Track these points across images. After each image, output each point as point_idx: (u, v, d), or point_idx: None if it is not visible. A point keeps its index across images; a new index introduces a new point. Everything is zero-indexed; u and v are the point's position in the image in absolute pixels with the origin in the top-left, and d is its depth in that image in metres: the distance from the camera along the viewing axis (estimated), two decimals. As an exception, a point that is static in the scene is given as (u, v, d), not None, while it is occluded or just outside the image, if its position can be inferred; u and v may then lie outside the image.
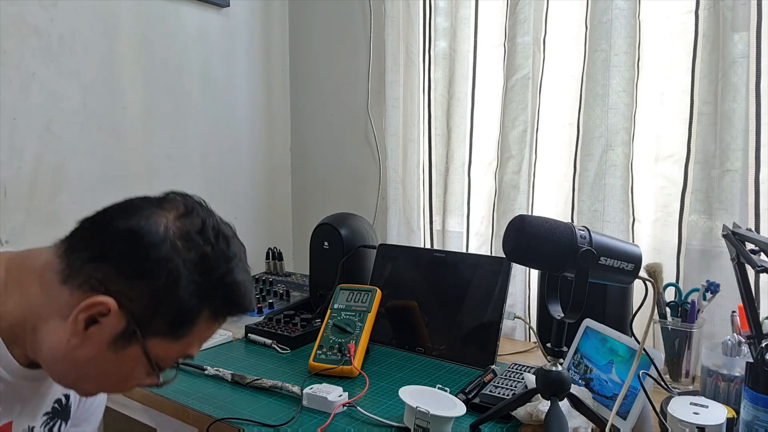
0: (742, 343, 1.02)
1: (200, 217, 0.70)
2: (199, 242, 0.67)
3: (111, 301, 0.64)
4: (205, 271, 0.66)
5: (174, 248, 0.65)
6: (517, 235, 0.83)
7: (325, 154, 1.96)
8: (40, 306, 0.67)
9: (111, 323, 0.65)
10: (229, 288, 0.69)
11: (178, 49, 1.69)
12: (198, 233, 0.68)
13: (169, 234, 0.65)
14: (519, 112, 1.43)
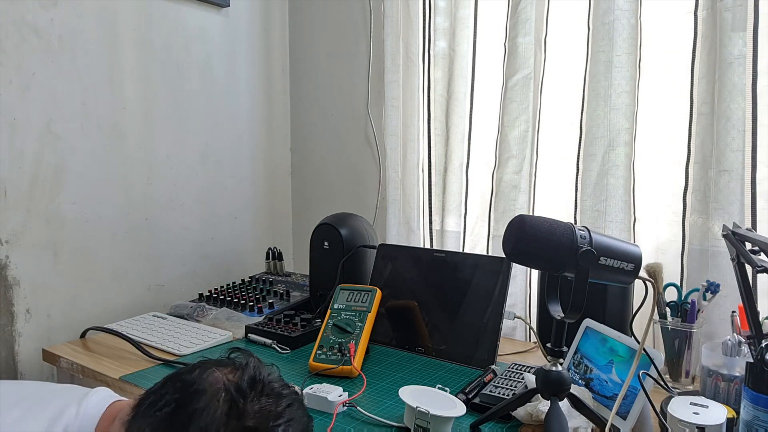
0: (742, 343, 1.03)
1: (248, 373, 0.67)
2: (240, 395, 0.65)
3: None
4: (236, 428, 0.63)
5: (212, 399, 0.64)
6: (517, 235, 0.83)
7: (325, 154, 1.96)
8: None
9: None
10: None
11: (178, 49, 1.69)
12: (243, 389, 0.65)
13: (214, 384, 0.65)
14: (520, 112, 1.43)
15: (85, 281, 1.51)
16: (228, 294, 1.63)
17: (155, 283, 1.68)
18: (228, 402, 0.64)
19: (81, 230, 1.49)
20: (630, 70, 1.28)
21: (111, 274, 1.57)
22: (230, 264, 1.88)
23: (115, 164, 1.56)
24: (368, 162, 1.83)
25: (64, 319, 1.46)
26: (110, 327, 1.42)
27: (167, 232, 1.70)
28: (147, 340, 1.33)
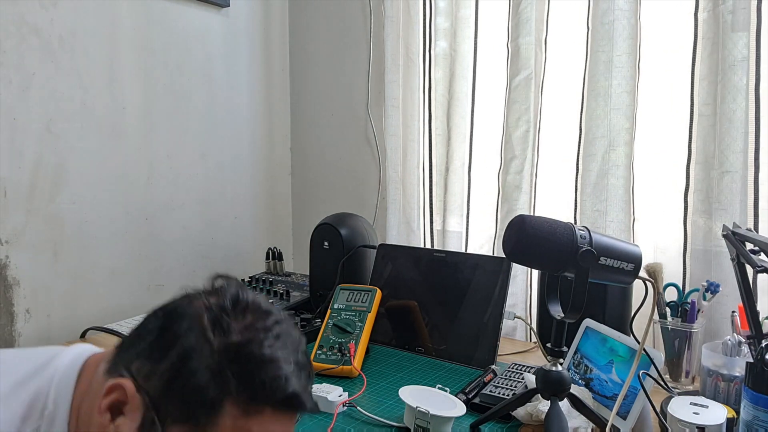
0: (742, 343, 1.03)
1: (230, 292, 0.64)
2: (223, 313, 0.61)
3: (128, 384, 0.59)
4: (221, 344, 0.60)
5: (194, 320, 0.61)
6: (517, 235, 0.83)
7: (325, 154, 1.96)
8: (89, 399, 0.64)
9: (131, 412, 0.59)
10: (246, 362, 0.59)
11: (178, 49, 1.69)
12: (224, 306, 0.62)
13: (195, 307, 0.62)
14: (522, 113, 1.43)
15: (85, 281, 1.51)
16: (228, 294, 1.62)
17: (155, 283, 1.68)
18: (212, 321, 0.61)
19: (81, 230, 1.49)
20: (630, 70, 1.28)
21: (111, 274, 1.57)
22: (230, 264, 1.88)
23: (115, 164, 1.56)
24: (368, 162, 1.83)
25: (64, 319, 1.46)
26: (110, 327, 1.42)
27: (167, 232, 1.70)
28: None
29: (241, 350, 0.60)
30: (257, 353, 0.60)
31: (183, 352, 0.59)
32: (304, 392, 0.64)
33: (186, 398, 0.59)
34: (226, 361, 0.59)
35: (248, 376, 0.59)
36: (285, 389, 0.61)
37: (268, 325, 0.63)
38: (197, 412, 0.59)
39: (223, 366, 0.59)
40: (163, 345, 0.60)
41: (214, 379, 0.58)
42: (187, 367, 0.59)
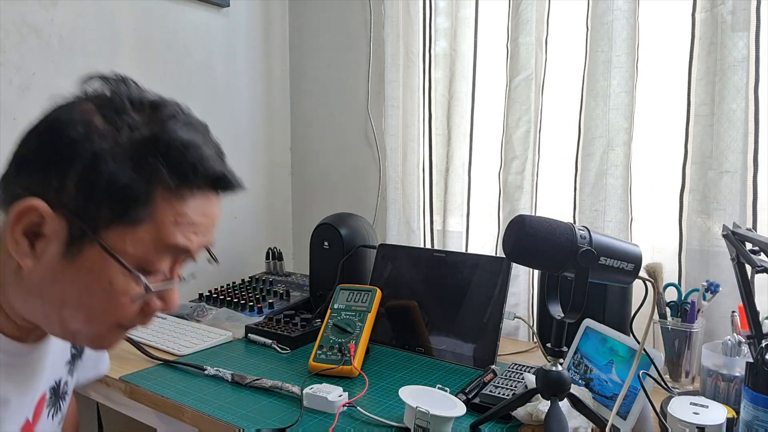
0: (742, 343, 1.03)
1: (119, 89, 0.63)
2: (119, 111, 0.59)
3: (38, 202, 0.56)
4: (133, 138, 0.58)
5: (88, 123, 0.58)
6: (517, 234, 0.83)
7: (325, 154, 1.96)
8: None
9: (53, 229, 0.57)
10: (168, 147, 0.59)
11: (178, 49, 1.69)
12: (118, 104, 0.60)
13: (83, 112, 0.59)
14: (522, 113, 1.43)
15: (85, 281, 1.51)
16: (228, 294, 1.63)
17: (155, 283, 1.68)
18: (111, 121, 0.58)
19: (81, 230, 1.49)
20: (629, 70, 1.28)
21: (111, 274, 1.57)
22: (230, 264, 1.88)
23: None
24: (368, 162, 1.83)
25: (64, 319, 1.46)
26: (110, 327, 1.42)
27: (167, 232, 1.70)
28: (147, 340, 1.33)
29: (159, 140, 0.59)
30: (177, 139, 0.59)
31: (92, 156, 0.56)
32: (228, 173, 0.68)
33: (114, 199, 0.57)
34: (146, 153, 0.58)
35: (175, 162, 0.59)
36: (214, 169, 0.64)
37: (172, 113, 0.63)
38: (130, 209, 0.58)
39: (145, 158, 0.58)
40: (62, 156, 0.57)
41: (138, 173, 0.57)
42: (102, 170, 0.56)
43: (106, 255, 0.58)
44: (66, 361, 0.77)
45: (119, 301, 0.61)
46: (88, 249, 0.58)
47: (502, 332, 1.25)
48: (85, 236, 0.58)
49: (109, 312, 0.61)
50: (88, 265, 0.58)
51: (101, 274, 0.59)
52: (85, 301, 0.60)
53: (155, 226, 0.59)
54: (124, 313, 0.62)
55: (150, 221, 0.59)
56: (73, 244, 0.58)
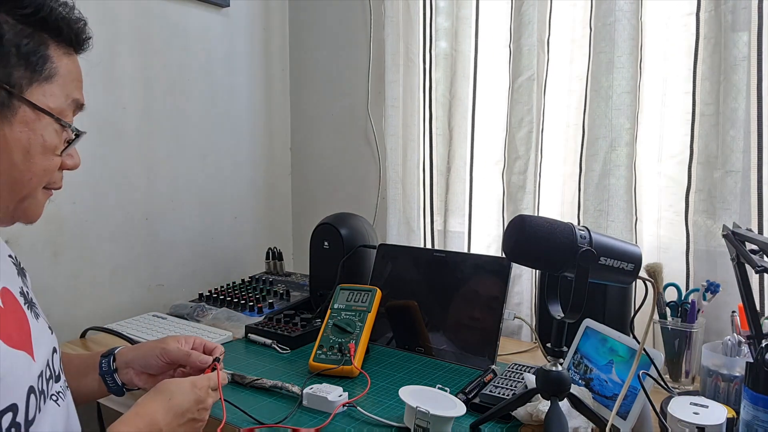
0: (742, 343, 1.03)
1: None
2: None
3: None
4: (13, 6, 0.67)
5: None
6: (517, 234, 0.83)
7: (325, 154, 1.96)
8: None
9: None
10: (41, 9, 0.69)
11: (178, 49, 1.69)
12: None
13: None
14: (525, 113, 1.44)
15: (84, 281, 1.51)
16: (228, 294, 1.63)
17: (155, 283, 1.68)
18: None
19: (81, 230, 1.49)
20: (631, 71, 1.28)
21: (111, 274, 1.57)
22: (230, 264, 1.88)
23: (115, 164, 1.56)
24: (368, 162, 1.83)
25: (64, 319, 1.46)
26: (110, 327, 1.42)
27: (167, 232, 1.70)
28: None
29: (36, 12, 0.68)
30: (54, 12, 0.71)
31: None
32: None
33: (25, 60, 0.67)
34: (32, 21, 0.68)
35: (56, 27, 0.72)
36: (88, 35, 0.80)
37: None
38: (41, 65, 0.69)
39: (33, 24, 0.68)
40: None
41: (33, 38, 0.68)
42: (5, 38, 0.65)
43: (36, 111, 0.68)
44: (15, 272, 0.80)
45: (52, 156, 0.72)
46: (18, 111, 0.67)
47: (503, 332, 1.25)
48: (13, 97, 0.66)
49: (45, 170, 0.72)
50: (23, 125, 0.67)
51: (35, 132, 0.69)
52: (28, 161, 0.69)
53: (63, 81, 0.72)
54: (53, 169, 0.73)
55: (58, 77, 0.71)
56: (4, 108, 0.66)
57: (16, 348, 0.68)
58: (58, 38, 0.72)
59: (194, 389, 0.83)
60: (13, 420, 0.66)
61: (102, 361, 0.94)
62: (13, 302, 0.73)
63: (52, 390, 0.75)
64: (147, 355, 0.93)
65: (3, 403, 0.64)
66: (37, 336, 0.74)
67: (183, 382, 0.84)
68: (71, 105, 0.74)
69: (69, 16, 0.75)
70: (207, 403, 0.84)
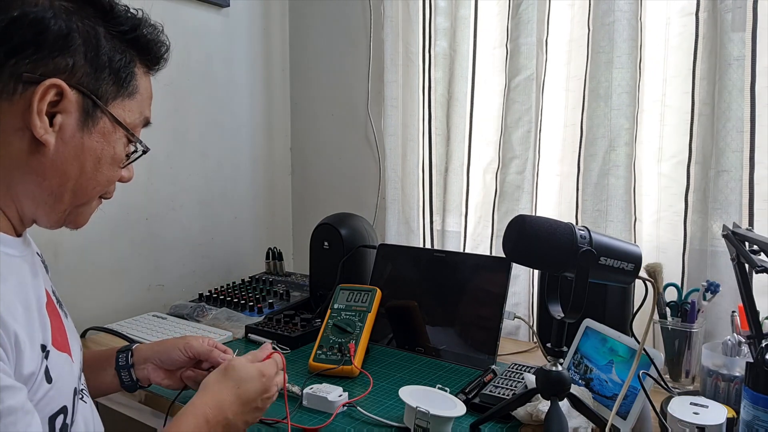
0: (742, 343, 1.03)
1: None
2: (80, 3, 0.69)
3: (58, 81, 0.64)
4: (110, 22, 0.70)
5: (66, 13, 0.66)
6: (517, 235, 0.83)
7: (325, 154, 1.96)
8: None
9: (71, 104, 0.66)
10: (137, 29, 0.74)
11: (177, 48, 1.67)
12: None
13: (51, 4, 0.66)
14: (523, 113, 1.43)
15: (84, 281, 1.51)
16: (228, 294, 1.63)
17: (155, 283, 1.68)
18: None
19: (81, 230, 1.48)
20: (630, 71, 1.28)
21: (111, 274, 1.57)
22: (230, 264, 1.88)
23: (115, 164, 1.56)
24: (368, 162, 1.83)
25: (64, 319, 1.46)
26: (110, 327, 1.42)
27: (167, 232, 1.70)
28: (147, 340, 1.33)
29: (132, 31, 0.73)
30: (146, 33, 0.76)
31: (91, 38, 0.67)
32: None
33: (115, 74, 0.70)
34: (129, 40, 0.72)
35: (145, 47, 0.75)
36: (165, 59, 0.80)
37: (137, 12, 0.77)
38: (126, 82, 0.72)
39: (126, 42, 0.72)
40: (55, 42, 0.65)
41: (119, 45, 0.71)
42: (102, 49, 0.68)
43: (114, 125, 0.71)
44: (45, 272, 0.83)
45: (117, 168, 0.74)
46: (99, 120, 0.70)
47: (502, 332, 1.25)
48: (97, 109, 0.69)
49: (108, 180, 0.74)
50: (100, 136, 0.70)
51: (109, 144, 0.71)
52: (97, 170, 0.71)
53: (141, 98, 0.75)
54: (115, 180, 0.76)
55: (137, 94, 0.74)
56: (87, 117, 0.68)
57: (61, 351, 0.70)
58: (144, 58, 0.76)
59: (262, 378, 0.85)
60: (64, 422, 0.68)
61: (119, 356, 0.97)
62: (52, 303, 0.74)
63: (80, 387, 0.78)
64: (170, 349, 0.96)
65: (56, 405, 0.67)
66: (71, 336, 0.76)
67: (251, 368, 0.86)
68: (142, 121, 0.77)
69: (157, 38, 0.79)
70: (272, 392, 0.86)
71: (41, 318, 0.68)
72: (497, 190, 1.50)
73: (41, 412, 0.63)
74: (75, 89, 0.66)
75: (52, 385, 0.66)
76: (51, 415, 0.66)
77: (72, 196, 0.71)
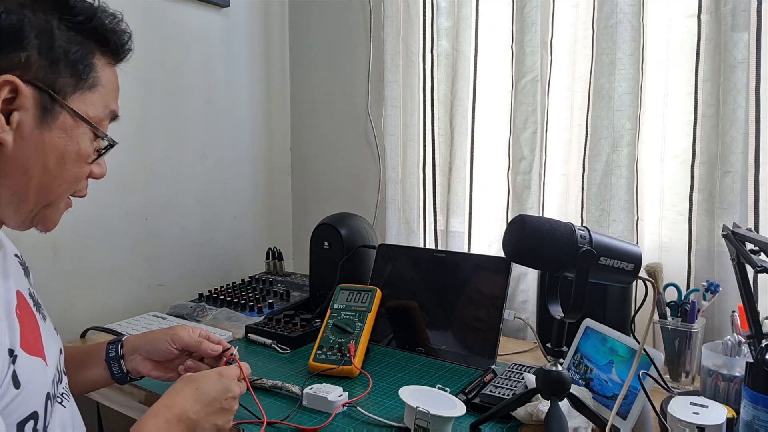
0: (742, 343, 1.03)
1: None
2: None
3: (11, 77, 0.63)
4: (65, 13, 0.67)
5: (18, 6, 0.64)
6: (517, 235, 0.83)
7: (325, 154, 1.96)
8: None
9: (27, 100, 0.64)
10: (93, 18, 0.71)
11: (177, 49, 1.69)
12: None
13: None
14: (529, 114, 1.44)
15: (84, 281, 1.51)
16: (228, 294, 1.63)
17: (155, 283, 1.68)
18: None
19: (80, 230, 1.49)
20: (632, 72, 1.28)
21: (110, 274, 1.57)
22: (230, 264, 1.88)
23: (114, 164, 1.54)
24: (368, 162, 1.83)
25: (64, 320, 1.45)
26: (110, 327, 1.42)
27: (167, 232, 1.70)
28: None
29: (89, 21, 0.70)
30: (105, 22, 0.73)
31: (44, 31, 0.65)
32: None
33: (73, 66, 0.68)
34: (83, 29, 0.69)
35: (104, 37, 0.73)
36: (130, 48, 0.79)
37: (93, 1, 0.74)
38: (86, 74, 0.69)
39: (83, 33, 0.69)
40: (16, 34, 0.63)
41: (75, 37, 0.68)
42: (56, 42, 0.66)
43: (76, 119, 0.69)
44: (22, 273, 0.82)
45: (84, 165, 0.73)
46: (59, 117, 0.67)
47: (503, 332, 1.25)
48: (56, 104, 0.67)
49: (75, 177, 0.73)
50: (62, 133, 0.68)
51: (72, 140, 0.69)
52: (61, 168, 0.69)
53: (104, 91, 0.72)
54: (82, 177, 0.74)
55: (99, 86, 0.72)
56: (46, 113, 0.66)
57: (33, 355, 0.69)
58: (104, 48, 0.73)
59: (221, 378, 0.83)
60: (35, 428, 0.66)
61: (109, 347, 0.95)
62: (25, 306, 0.73)
63: (58, 392, 0.76)
64: (156, 340, 0.94)
65: (25, 411, 0.65)
66: (47, 339, 0.74)
67: (209, 372, 0.85)
68: (108, 115, 0.75)
69: (117, 27, 0.76)
70: (235, 392, 0.84)
71: (9, 321, 0.66)
72: (509, 190, 1.50)
73: (8, 417, 0.62)
74: (30, 85, 0.64)
75: (21, 391, 0.64)
76: (20, 421, 0.64)
77: (37, 196, 0.70)
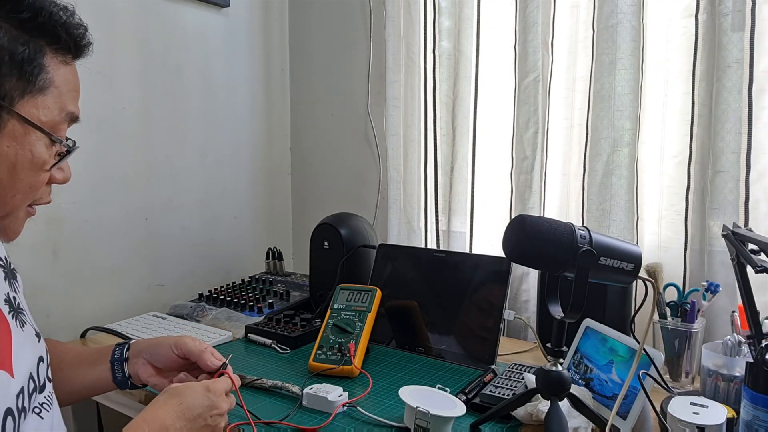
0: (742, 343, 1.03)
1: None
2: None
3: None
4: (6, 10, 0.63)
5: None
6: (517, 235, 0.83)
7: (325, 154, 1.96)
8: None
9: None
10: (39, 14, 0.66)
11: (177, 49, 1.69)
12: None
13: None
14: (531, 114, 1.44)
15: (84, 281, 1.51)
16: (228, 294, 1.63)
17: (155, 283, 1.68)
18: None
19: (81, 230, 1.49)
20: (632, 73, 1.29)
21: (111, 274, 1.57)
22: (230, 264, 1.88)
23: (114, 164, 1.56)
24: (368, 162, 1.83)
25: (64, 319, 1.46)
26: (110, 327, 1.42)
27: (167, 232, 1.70)
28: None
29: (34, 17, 0.65)
30: (54, 17, 0.67)
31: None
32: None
33: (19, 69, 0.63)
34: (32, 29, 0.65)
35: (54, 33, 0.67)
36: (88, 42, 0.74)
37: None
38: (35, 77, 0.65)
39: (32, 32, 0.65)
40: None
41: (29, 46, 0.64)
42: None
43: (25, 126, 0.64)
44: (2, 277, 0.78)
45: (40, 172, 0.68)
46: (7, 125, 0.63)
47: (504, 332, 1.25)
48: (2, 110, 0.63)
49: (31, 186, 0.68)
50: (10, 140, 0.64)
51: (23, 147, 0.65)
52: (14, 178, 0.66)
53: (58, 92, 0.67)
54: (40, 185, 0.70)
55: (53, 88, 0.67)
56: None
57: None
58: (56, 45, 0.68)
59: (207, 393, 0.78)
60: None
61: (116, 349, 0.92)
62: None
63: (35, 403, 0.72)
64: (160, 344, 0.91)
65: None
66: (20, 348, 0.70)
67: (195, 385, 0.80)
68: (65, 118, 0.70)
69: (69, 21, 0.70)
70: (222, 409, 0.79)
71: None
72: (513, 190, 1.50)
73: None
74: None
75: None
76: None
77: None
